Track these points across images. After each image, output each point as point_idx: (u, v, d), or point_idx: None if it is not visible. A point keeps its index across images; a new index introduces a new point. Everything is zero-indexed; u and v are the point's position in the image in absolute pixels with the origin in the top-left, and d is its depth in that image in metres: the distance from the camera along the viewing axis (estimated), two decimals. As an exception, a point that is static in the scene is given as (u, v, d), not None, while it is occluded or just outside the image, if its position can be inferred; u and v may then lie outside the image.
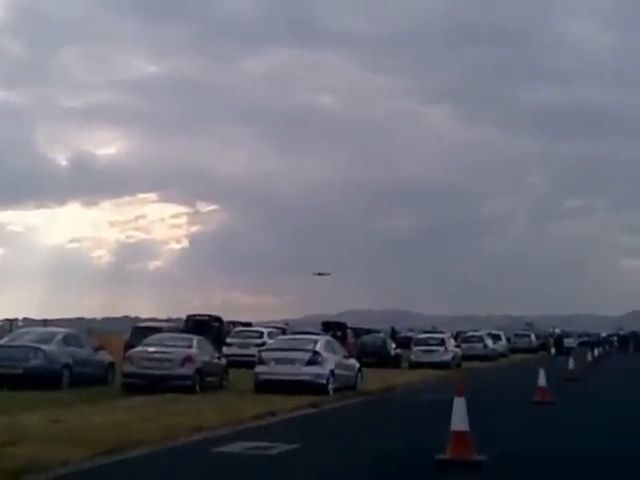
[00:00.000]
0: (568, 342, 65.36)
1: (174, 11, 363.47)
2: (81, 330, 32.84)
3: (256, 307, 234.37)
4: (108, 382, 25.65)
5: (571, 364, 35.54)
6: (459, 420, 11.58)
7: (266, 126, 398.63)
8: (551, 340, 72.06)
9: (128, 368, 23.94)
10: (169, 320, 55.26)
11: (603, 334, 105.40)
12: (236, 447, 13.51)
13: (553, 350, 65.21)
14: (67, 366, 23.99)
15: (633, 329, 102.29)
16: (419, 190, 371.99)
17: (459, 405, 11.69)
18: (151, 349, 24.68)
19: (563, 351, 63.36)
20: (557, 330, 73.50)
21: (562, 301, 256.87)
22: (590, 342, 67.51)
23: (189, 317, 41.42)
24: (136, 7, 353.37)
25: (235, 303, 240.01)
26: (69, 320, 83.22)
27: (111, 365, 26.84)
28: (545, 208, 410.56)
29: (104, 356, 26.83)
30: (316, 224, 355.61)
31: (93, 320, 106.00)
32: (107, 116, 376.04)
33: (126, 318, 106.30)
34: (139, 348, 25.26)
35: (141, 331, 34.79)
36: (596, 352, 63.27)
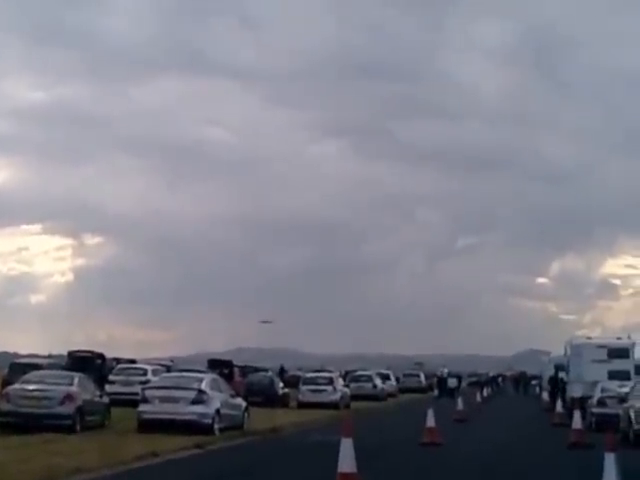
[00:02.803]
0: (451, 382, 65.90)
1: (62, 36, 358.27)
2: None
3: (143, 343, 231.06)
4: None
5: (460, 405, 35.81)
6: (346, 461, 11.38)
7: (156, 158, 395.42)
8: (435, 380, 72.75)
9: (5, 406, 22.96)
10: (50, 356, 53.78)
11: (492, 374, 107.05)
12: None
13: (436, 391, 65.70)
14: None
15: (522, 369, 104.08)
16: (310, 226, 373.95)
17: (346, 446, 11.49)
18: (30, 386, 23.74)
19: (447, 392, 64.04)
20: (445, 370, 74.04)
21: (452, 340, 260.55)
22: (479, 382, 68.30)
23: (70, 353, 40.45)
24: (22, 30, 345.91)
25: (121, 339, 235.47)
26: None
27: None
28: (437, 246, 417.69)
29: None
30: (206, 259, 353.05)
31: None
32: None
33: (4, 354, 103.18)
34: (17, 385, 24.30)
35: (19, 367, 33.66)
36: (485, 392, 64.20)
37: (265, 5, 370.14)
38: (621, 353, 38.56)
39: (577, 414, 24.99)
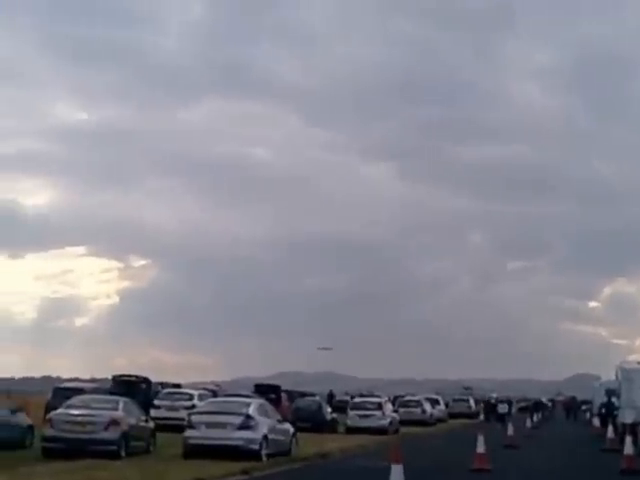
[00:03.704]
0: (501, 408, 64.81)
1: (106, 57, 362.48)
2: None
3: (185, 367, 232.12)
4: (27, 446, 24.62)
5: (510, 430, 35.24)
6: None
7: (199, 178, 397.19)
8: (482, 406, 71.68)
9: (49, 431, 22.71)
10: (93, 380, 53.71)
11: (543, 399, 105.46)
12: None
13: (482, 416, 64.54)
14: (-19, 429, 22.68)
15: (572, 394, 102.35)
16: (357, 248, 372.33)
17: (396, 473, 10.98)
18: (74, 411, 23.42)
19: (497, 417, 63.03)
20: (494, 395, 72.87)
21: (502, 365, 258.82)
22: (529, 408, 67.19)
23: (115, 377, 40.17)
24: (67, 52, 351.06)
25: (163, 363, 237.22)
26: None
27: (30, 428, 25.74)
28: (487, 269, 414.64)
29: (23, 418, 25.72)
30: (250, 282, 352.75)
31: (10, 379, 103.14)
32: (35, 164, 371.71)
33: (46, 378, 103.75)
34: (61, 410, 23.95)
35: (63, 392, 33.50)
36: (535, 418, 63.02)
37: (312, 26, 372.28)
38: None
39: (629, 440, 24.61)
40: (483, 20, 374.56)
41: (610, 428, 35.11)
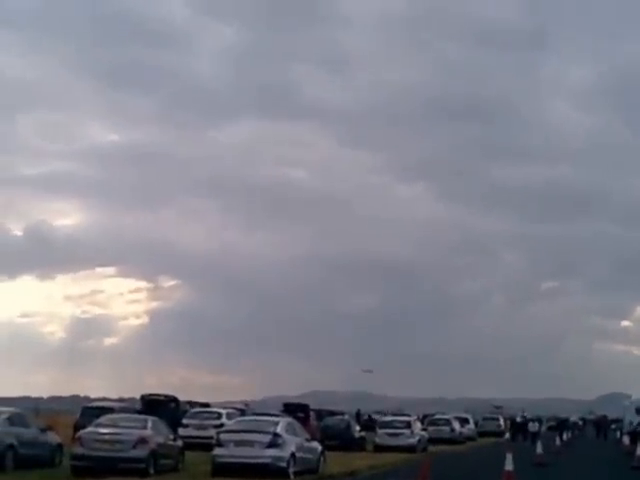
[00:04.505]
0: (532, 427, 64.33)
1: (138, 78, 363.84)
2: (27, 409, 31.53)
3: (214, 387, 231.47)
4: (56, 464, 24.61)
5: (539, 449, 35.08)
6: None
7: (231, 200, 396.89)
8: (508, 424, 71.14)
9: (78, 450, 22.78)
10: (121, 400, 53.80)
11: (573, 418, 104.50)
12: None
13: (507, 434, 64.04)
14: (11, 447, 22.68)
15: (603, 413, 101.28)
16: (389, 268, 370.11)
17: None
18: (103, 430, 23.49)
19: (525, 436, 62.63)
20: (525, 414, 72.37)
21: (534, 384, 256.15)
22: (559, 426, 66.77)
23: (143, 397, 40.32)
24: (98, 74, 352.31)
25: (193, 383, 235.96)
26: (13, 399, 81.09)
27: (59, 446, 25.72)
28: (520, 289, 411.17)
29: (52, 437, 25.72)
30: (281, 301, 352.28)
31: (39, 399, 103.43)
32: (65, 186, 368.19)
33: (75, 397, 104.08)
34: (90, 429, 24.04)
35: (92, 411, 33.70)
36: (565, 437, 62.54)
37: (348, 46, 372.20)
38: None
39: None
40: (521, 39, 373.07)
41: (639, 446, 34.84)
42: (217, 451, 23.59)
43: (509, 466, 22.85)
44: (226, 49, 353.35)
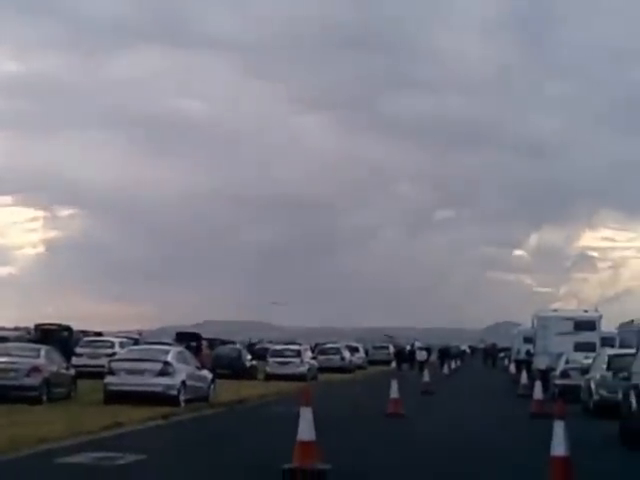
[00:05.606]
0: (420, 355, 66.42)
1: (37, 6, 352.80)
2: None
3: (112, 317, 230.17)
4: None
5: (426, 377, 36.09)
6: (305, 430, 11.61)
7: (131, 130, 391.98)
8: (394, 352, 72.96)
9: (-30, 377, 23.05)
10: (17, 329, 53.60)
11: (463, 347, 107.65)
12: (82, 458, 13.32)
13: (394, 363, 66.39)
14: None
15: (494, 341, 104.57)
16: (287, 201, 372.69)
17: (305, 415, 11.72)
18: (-4, 359, 23.82)
19: (413, 365, 64.73)
20: (417, 343, 74.47)
21: (427, 313, 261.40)
22: (445, 354, 69.01)
23: (37, 326, 40.51)
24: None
25: (90, 312, 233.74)
26: None
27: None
28: (415, 220, 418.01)
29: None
30: (179, 233, 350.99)
31: None
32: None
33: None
34: (-17, 358, 24.33)
35: (-15, 340, 33.60)
36: (453, 365, 64.84)
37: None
38: (587, 325, 39.10)
39: (538, 385, 25.53)
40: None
41: (524, 374, 36.31)
42: (109, 379, 24.12)
43: (394, 394, 23.95)
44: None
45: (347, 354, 59.10)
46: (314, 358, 49.67)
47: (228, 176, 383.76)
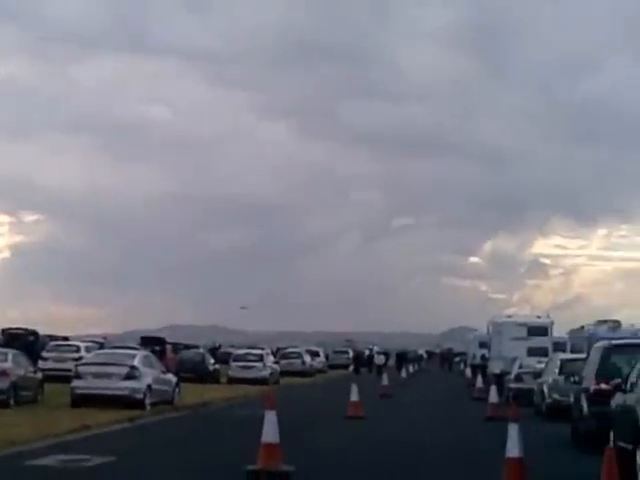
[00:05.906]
0: (379, 359, 67.19)
1: (3, 12, 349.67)
2: None
3: (77, 321, 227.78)
4: None
5: (384, 381, 36.70)
6: (269, 433, 12.13)
7: (96, 137, 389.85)
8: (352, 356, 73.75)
9: (-62, 382, 23.27)
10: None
11: (420, 351, 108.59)
12: (50, 460, 13.66)
13: (351, 367, 66.86)
14: None
15: (450, 346, 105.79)
16: (250, 206, 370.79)
17: (269, 418, 12.23)
18: (-37, 363, 24.07)
19: (371, 368, 65.52)
20: (375, 348, 75.23)
21: (385, 319, 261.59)
22: (403, 359, 69.84)
23: (4, 330, 40.67)
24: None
25: (56, 317, 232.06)
26: None
27: None
28: (375, 226, 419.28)
29: None
30: (143, 239, 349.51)
31: None
32: None
33: None
34: (-50, 362, 24.56)
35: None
36: (411, 369, 65.60)
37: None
38: (540, 331, 40.06)
39: (493, 389, 26.30)
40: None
41: (479, 378, 37.14)
42: (76, 383, 24.41)
43: (354, 397, 24.57)
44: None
45: (308, 358, 59.71)
46: (276, 362, 50.15)
47: (192, 181, 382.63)
